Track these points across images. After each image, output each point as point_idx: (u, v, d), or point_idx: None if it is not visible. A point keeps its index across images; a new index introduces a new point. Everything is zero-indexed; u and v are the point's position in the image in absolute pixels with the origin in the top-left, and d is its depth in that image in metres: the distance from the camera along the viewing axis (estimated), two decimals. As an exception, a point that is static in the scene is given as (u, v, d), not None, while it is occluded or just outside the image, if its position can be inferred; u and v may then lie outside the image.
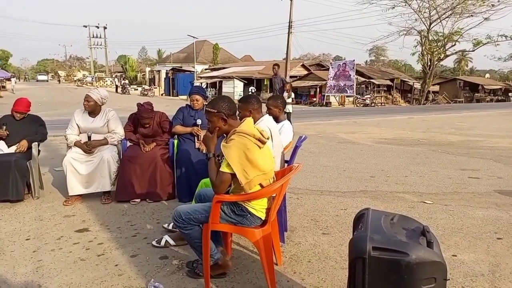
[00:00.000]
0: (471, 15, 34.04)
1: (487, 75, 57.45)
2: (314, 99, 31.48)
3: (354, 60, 31.06)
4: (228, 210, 2.52)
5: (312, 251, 3.20)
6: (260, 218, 2.55)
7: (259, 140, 2.45)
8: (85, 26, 59.06)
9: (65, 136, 4.45)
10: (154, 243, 3.24)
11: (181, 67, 41.49)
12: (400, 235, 1.72)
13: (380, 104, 32.86)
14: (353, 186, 5.27)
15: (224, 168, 2.40)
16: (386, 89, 35.48)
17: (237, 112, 3.14)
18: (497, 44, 35.80)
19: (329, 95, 30.69)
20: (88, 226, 3.69)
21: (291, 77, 31.37)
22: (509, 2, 32.69)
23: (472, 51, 38.86)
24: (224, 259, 2.72)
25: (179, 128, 4.54)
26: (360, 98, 31.59)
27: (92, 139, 4.37)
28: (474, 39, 35.95)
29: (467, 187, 5.23)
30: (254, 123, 3.12)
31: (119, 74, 56.19)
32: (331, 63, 34.49)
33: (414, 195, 4.81)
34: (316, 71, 35.10)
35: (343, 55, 66.79)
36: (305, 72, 35.12)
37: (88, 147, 4.30)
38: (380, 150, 8.30)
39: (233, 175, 2.41)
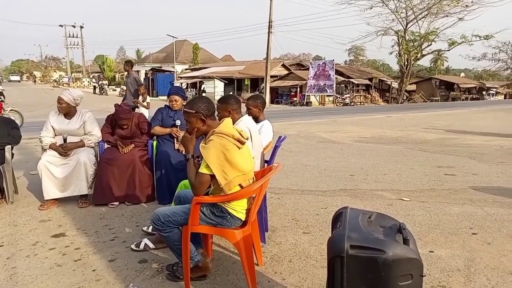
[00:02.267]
0: (446, 16, 34.94)
1: (462, 74, 59.12)
2: (295, 98, 31.68)
3: (333, 60, 31.43)
4: (208, 211, 2.50)
5: (293, 251, 3.21)
6: (240, 219, 2.54)
7: (238, 140, 2.44)
8: (61, 26, 57.73)
9: (39, 138, 4.34)
10: (133, 246, 3.19)
11: (160, 67, 41.02)
12: (377, 233, 1.74)
13: (359, 103, 33.33)
14: (333, 185, 5.32)
15: (203, 169, 2.38)
16: (365, 88, 36.02)
17: (216, 113, 3.14)
18: (471, 44, 36.86)
19: (309, 95, 30.94)
20: (64, 231, 3.61)
21: (271, 76, 31.49)
22: (482, 2, 33.56)
23: (447, 50, 39.87)
24: (205, 261, 2.70)
25: (158, 129, 4.48)
26: (340, 98, 31.97)
27: (68, 142, 4.27)
28: (449, 39, 36.92)
29: (443, 184, 5.35)
30: (233, 123, 3.12)
31: (96, 74, 55.16)
32: (311, 63, 34.76)
33: (392, 193, 4.89)
34: (297, 70, 35.33)
35: (323, 55, 67.42)
36: (286, 72, 35.30)
37: (64, 150, 4.20)
38: (360, 148, 8.41)
39: (212, 176, 2.40)
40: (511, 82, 48.58)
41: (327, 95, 31.42)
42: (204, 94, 28.92)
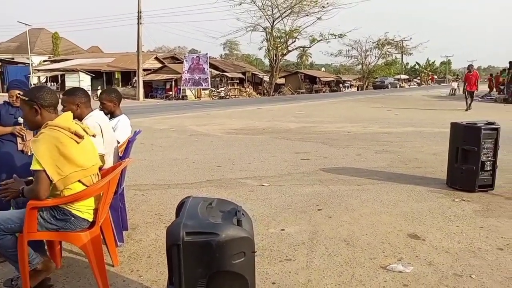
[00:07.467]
0: (307, 15, 38.32)
1: (323, 69, 65.54)
2: (170, 92, 31.12)
3: (207, 54, 31.80)
4: (48, 215, 2.30)
5: (153, 246, 3.19)
6: (87, 220, 2.41)
7: (76, 134, 2.29)
8: None
9: None
10: (-39, 265, 2.76)
11: (13, 58, 36.00)
12: (215, 218, 1.84)
13: (234, 96, 34.39)
14: (200, 176, 5.41)
15: (34, 166, 2.18)
16: (239, 81, 37.31)
17: (62, 107, 2.90)
18: (329, 41, 41.26)
19: (185, 88, 30.72)
20: None
21: (144, 70, 30.32)
22: (336, 4, 37.72)
23: (309, 47, 43.90)
24: (45, 259, 2.47)
25: (-5, 129, 3.92)
26: (215, 91, 32.50)
27: None
28: (310, 36, 40.65)
29: (299, 168, 5.91)
30: (82, 118, 2.94)
31: None
32: (185, 56, 34.52)
33: (255, 180, 5.21)
34: (171, 64, 34.68)
35: (199, 49, 67.25)
36: (159, 65, 34.35)
37: None
38: (229, 140, 8.72)
39: (49, 174, 2.21)
40: (362, 76, 55.84)
41: (203, 89, 31.64)
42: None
